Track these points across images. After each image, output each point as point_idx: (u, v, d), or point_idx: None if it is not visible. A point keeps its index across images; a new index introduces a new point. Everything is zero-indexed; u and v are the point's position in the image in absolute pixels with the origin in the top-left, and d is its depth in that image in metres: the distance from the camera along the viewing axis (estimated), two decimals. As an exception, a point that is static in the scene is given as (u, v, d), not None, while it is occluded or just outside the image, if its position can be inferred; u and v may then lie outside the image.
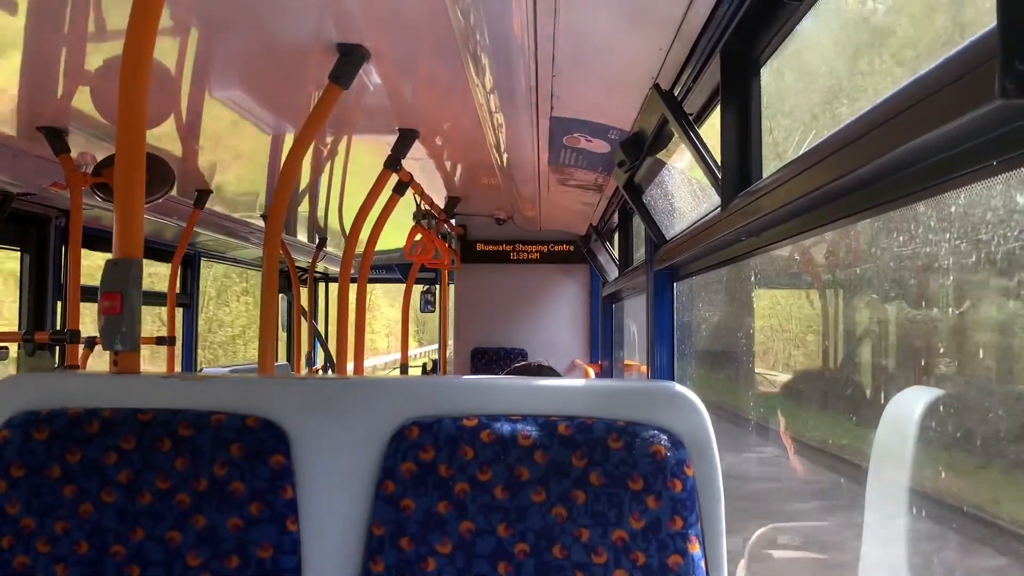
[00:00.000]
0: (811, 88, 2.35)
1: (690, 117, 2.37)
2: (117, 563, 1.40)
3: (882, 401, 2.01)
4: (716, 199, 2.26)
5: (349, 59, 2.57)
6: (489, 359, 7.36)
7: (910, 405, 1.83)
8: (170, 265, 5.43)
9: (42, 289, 4.48)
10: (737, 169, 1.99)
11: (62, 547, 1.40)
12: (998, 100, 0.78)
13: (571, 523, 1.38)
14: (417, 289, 8.31)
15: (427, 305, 9.00)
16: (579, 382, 1.51)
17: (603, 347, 6.93)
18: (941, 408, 1.74)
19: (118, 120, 1.68)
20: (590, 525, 1.38)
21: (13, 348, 4.18)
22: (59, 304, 4.53)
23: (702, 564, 1.38)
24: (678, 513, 1.38)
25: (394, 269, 9.21)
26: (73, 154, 3.61)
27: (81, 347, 3.88)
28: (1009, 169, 0.91)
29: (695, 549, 1.38)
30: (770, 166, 1.96)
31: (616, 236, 5.78)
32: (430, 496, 1.41)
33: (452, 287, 7.92)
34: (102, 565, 1.40)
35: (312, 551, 1.45)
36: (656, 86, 2.41)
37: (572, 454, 1.40)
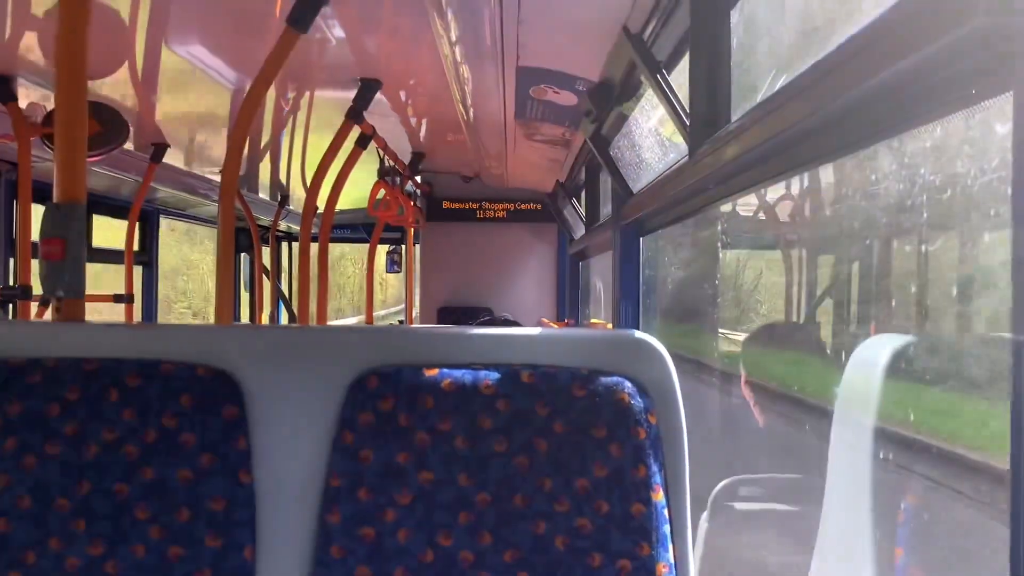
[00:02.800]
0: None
1: (659, 64, 2.32)
2: (62, 517, 1.35)
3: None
4: (683, 150, 2.22)
5: (307, 2, 2.48)
6: (456, 318, 7.32)
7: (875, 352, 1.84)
8: (126, 222, 5.30)
9: None
10: (706, 115, 1.95)
11: (3, 502, 1.35)
12: (981, 17, 0.74)
13: (533, 472, 1.36)
14: (382, 250, 8.22)
15: (393, 265, 8.91)
16: (542, 330, 1.48)
17: (570, 305, 6.93)
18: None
19: (55, 54, 1.61)
20: (552, 474, 1.35)
21: None
22: (10, 261, 4.40)
23: (665, 512, 1.37)
24: (642, 461, 1.36)
25: (359, 229, 9.10)
26: (22, 104, 3.48)
27: (34, 305, 3.78)
28: (989, 96, 0.88)
29: (659, 497, 1.36)
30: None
31: (584, 193, 5.74)
32: (389, 446, 1.37)
33: (418, 247, 7.85)
34: (46, 519, 1.34)
35: (267, 503, 1.41)
36: (625, 30, 2.35)
37: (535, 403, 1.37)
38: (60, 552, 1.34)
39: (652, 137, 3.03)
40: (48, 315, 3.93)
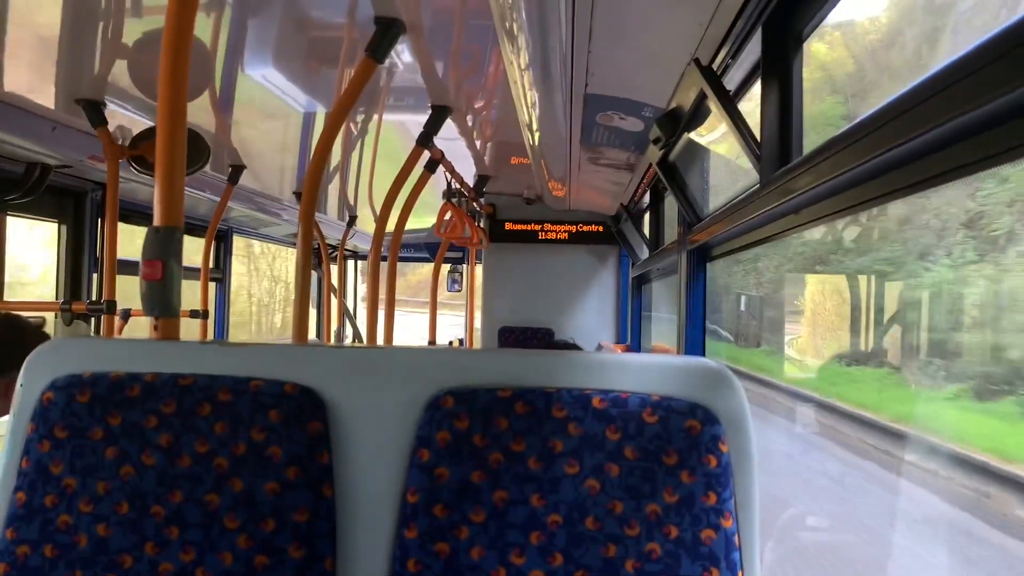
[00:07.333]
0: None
1: (730, 94, 2.34)
2: (157, 524, 1.42)
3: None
4: (752, 178, 2.23)
5: (386, 33, 2.57)
6: (516, 338, 7.36)
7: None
8: (203, 240, 5.47)
9: (78, 261, 4.53)
10: (777, 146, 1.96)
11: (103, 507, 1.43)
12: None
13: (604, 496, 1.38)
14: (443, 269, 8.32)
15: (454, 284, 9.02)
16: (614, 356, 1.50)
17: (632, 328, 6.91)
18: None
19: (159, 89, 1.69)
20: (623, 498, 1.38)
21: (50, 319, 4.24)
22: (94, 276, 4.59)
23: (735, 539, 1.38)
24: (712, 488, 1.37)
25: (422, 248, 9.23)
26: (110, 127, 3.64)
27: (117, 319, 3.93)
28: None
29: (728, 524, 1.37)
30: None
31: (647, 216, 5.74)
32: (464, 465, 1.41)
33: (480, 266, 7.92)
34: (142, 525, 1.42)
35: (346, 516, 1.47)
36: (695, 61, 2.37)
37: (606, 427, 1.40)
38: (154, 557, 1.41)
39: (720, 164, 3.04)
40: (125, 332, 4.10)
